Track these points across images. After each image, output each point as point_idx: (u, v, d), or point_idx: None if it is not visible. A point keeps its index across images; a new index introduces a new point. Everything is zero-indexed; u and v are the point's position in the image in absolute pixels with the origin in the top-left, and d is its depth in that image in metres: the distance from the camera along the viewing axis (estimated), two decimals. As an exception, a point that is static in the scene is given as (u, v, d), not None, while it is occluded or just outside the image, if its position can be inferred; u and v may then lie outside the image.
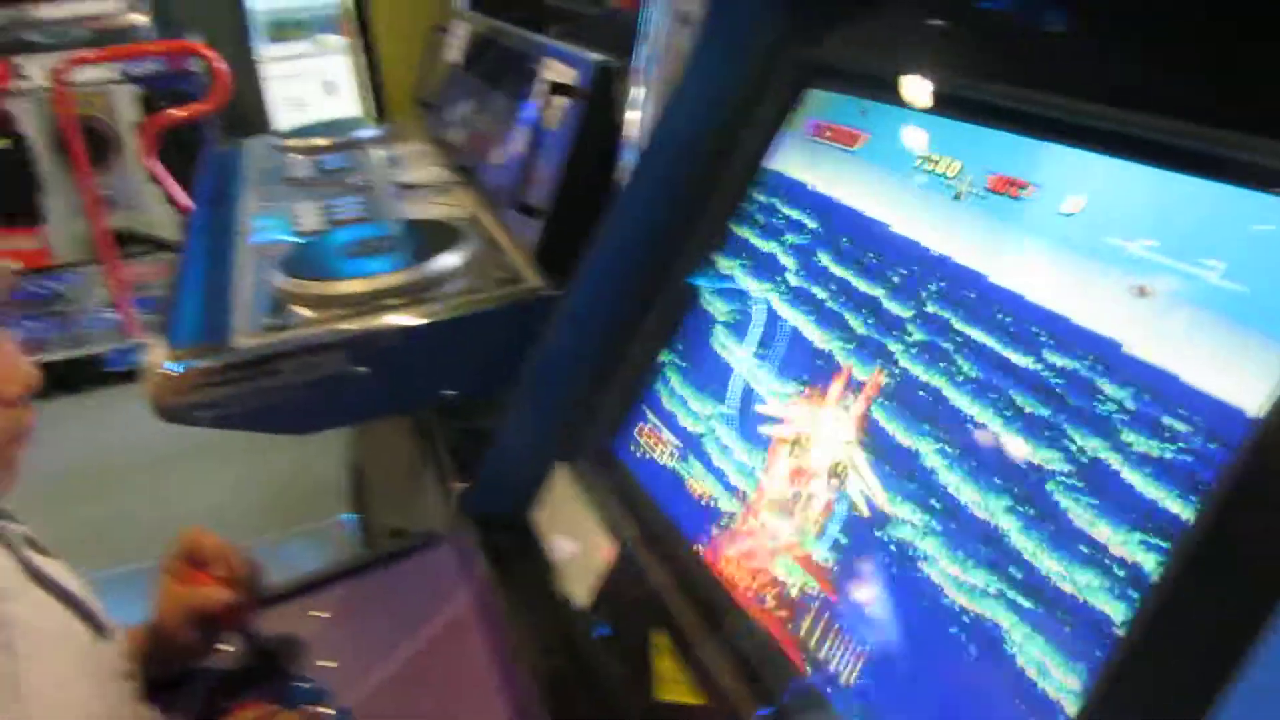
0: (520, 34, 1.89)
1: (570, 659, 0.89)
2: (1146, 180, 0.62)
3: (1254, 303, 0.53)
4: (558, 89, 1.52)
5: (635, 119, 1.39)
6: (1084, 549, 0.56)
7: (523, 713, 0.83)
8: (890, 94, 0.85)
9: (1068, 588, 0.56)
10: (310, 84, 5.28)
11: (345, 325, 1.30)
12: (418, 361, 1.44)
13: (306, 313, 1.33)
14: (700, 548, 0.86)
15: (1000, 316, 0.67)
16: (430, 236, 1.54)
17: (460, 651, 0.94)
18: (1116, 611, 0.53)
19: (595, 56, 1.50)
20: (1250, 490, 0.49)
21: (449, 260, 1.47)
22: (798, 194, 0.92)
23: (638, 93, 1.39)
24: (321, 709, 0.87)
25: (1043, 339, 0.63)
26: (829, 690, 0.69)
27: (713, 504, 0.87)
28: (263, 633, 0.93)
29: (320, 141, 2.16)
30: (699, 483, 0.89)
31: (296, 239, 1.65)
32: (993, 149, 0.73)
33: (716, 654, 0.78)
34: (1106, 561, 0.54)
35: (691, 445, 0.92)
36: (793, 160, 0.95)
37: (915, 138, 0.80)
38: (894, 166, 0.81)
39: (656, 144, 1.04)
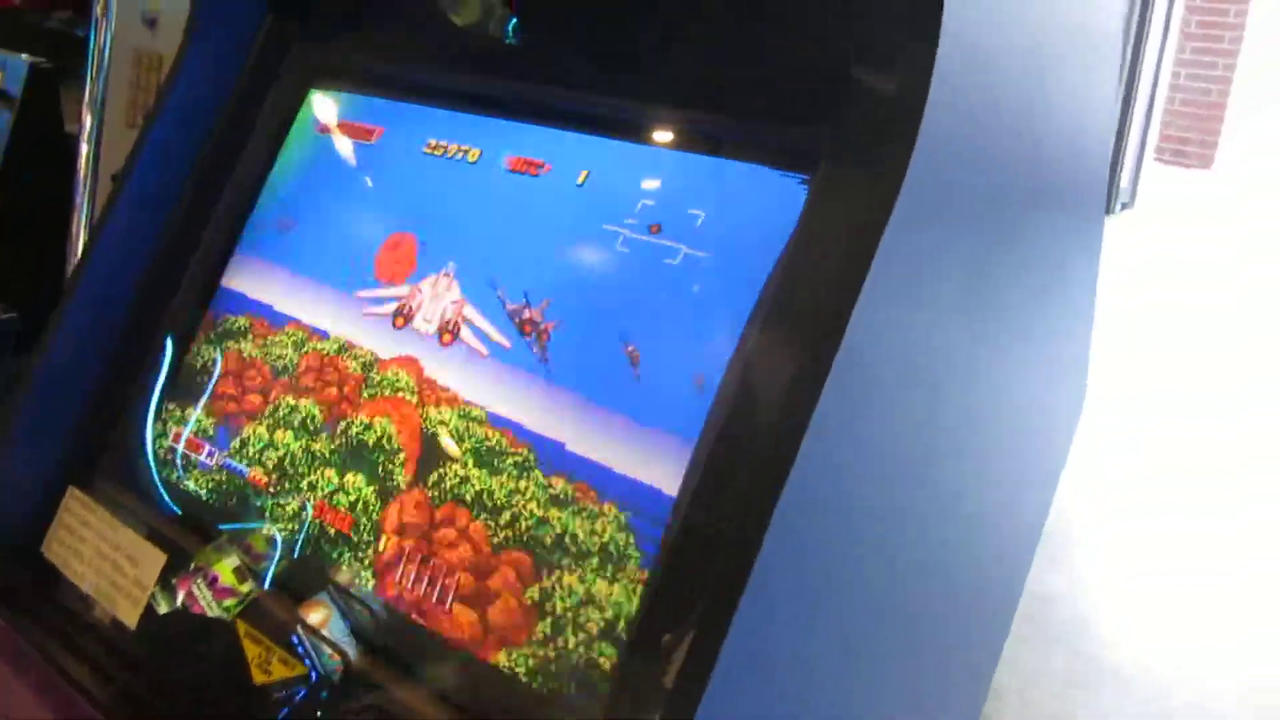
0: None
1: (139, 677, 0.85)
2: (633, 154, 0.79)
3: (720, 230, 0.72)
4: (-21, 94, 1.35)
5: (87, 124, 1.30)
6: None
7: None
8: (400, 91, 0.94)
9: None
10: None
11: None
12: None
13: None
14: (270, 528, 0.87)
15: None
16: None
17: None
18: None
19: (25, 57, 1.36)
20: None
21: None
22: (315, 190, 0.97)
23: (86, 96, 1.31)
24: None
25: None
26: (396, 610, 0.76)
27: (274, 477, 0.88)
28: None
29: None
30: (258, 468, 0.90)
31: None
32: (505, 136, 0.86)
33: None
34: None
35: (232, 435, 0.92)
36: (305, 157, 0.99)
37: (431, 129, 0.91)
38: (414, 156, 0.91)
39: (151, 145, 1.01)
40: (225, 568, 0.87)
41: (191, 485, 0.94)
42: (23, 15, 1.76)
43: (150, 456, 0.97)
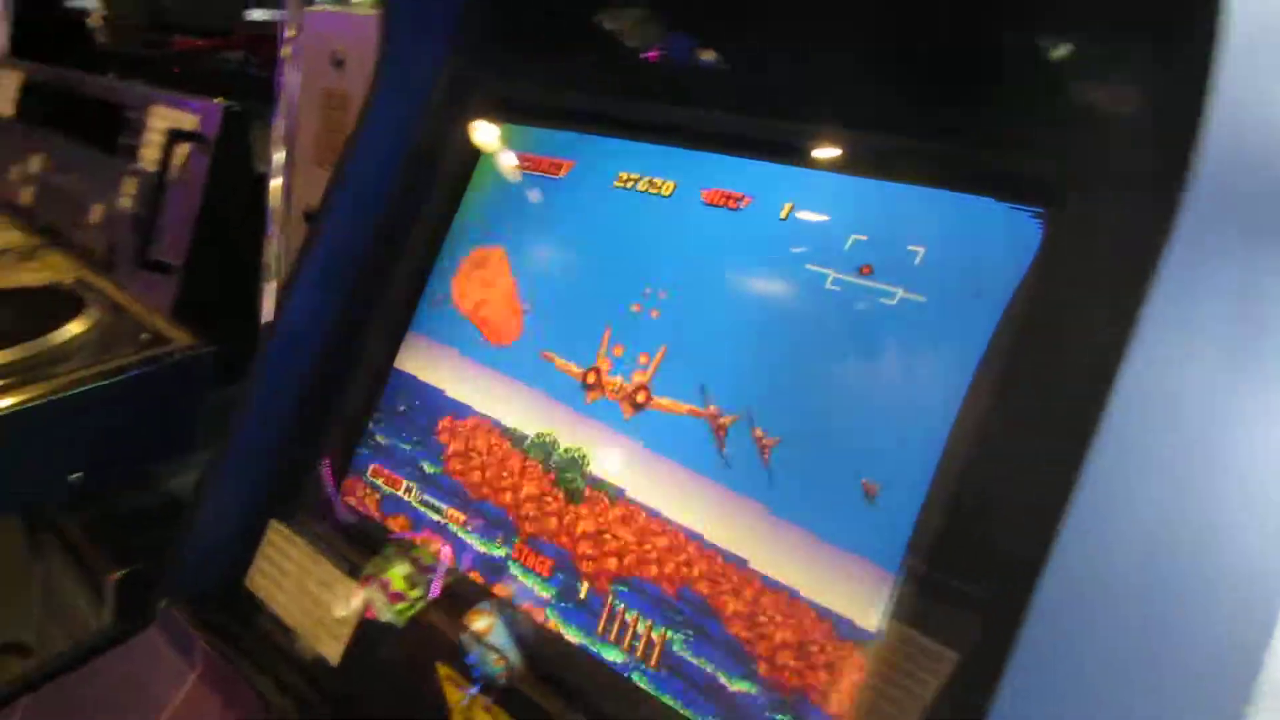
0: (106, 82, 1.72)
1: (340, 712, 0.85)
2: (837, 184, 0.75)
3: (942, 270, 0.67)
4: (179, 136, 1.42)
5: (279, 162, 1.35)
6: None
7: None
8: (588, 124, 0.93)
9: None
10: None
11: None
12: (43, 445, 1.28)
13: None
14: (463, 568, 0.87)
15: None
16: (42, 306, 1.36)
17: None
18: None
19: (219, 101, 1.42)
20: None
21: (72, 329, 1.32)
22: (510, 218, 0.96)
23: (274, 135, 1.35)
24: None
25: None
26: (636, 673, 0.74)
27: (471, 523, 0.88)
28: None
29: None
30: (448, 507, 0.90)
31: None
32: (700, 168, 0.83)
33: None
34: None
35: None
36: (498, 192, 0.99)
37: (623, 161, 0.89)
38: (606, 189, 0.89)
39: (345, 184, 1.02)
40: (396, 575, 0.89)
41: (383, 516, 0.94)
42: (201, 58, 1.86)
43: (353, 487, 0.99)
